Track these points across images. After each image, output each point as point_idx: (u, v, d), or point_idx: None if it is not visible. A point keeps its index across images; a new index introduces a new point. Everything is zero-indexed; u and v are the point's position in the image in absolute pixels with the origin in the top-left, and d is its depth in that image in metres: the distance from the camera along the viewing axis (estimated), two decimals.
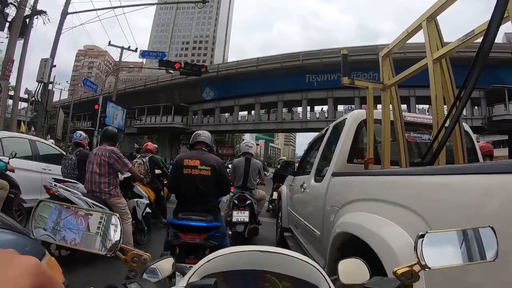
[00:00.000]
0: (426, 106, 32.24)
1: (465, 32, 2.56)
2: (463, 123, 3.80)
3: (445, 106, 2.90)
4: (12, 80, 14.11)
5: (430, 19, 2.91)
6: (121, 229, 0.93)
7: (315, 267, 0.96)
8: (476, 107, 34.04)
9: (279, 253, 0.96)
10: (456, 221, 1.34)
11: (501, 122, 30.43)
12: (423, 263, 0.79)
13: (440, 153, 2.49)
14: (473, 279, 1.23)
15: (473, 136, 4.01)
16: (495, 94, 30.64)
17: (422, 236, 0.81)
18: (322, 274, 0.98)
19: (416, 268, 0.84)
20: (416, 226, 1.59)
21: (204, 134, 3.96)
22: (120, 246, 0.92)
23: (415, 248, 0.80)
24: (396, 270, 0.87)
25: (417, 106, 33.90)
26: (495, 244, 0.81)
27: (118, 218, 0.95)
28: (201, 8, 18.08)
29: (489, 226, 0.83)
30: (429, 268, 0.81)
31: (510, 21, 2.09)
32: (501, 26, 2.10)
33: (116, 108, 25.99)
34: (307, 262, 0.96)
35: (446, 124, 2.41)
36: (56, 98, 29.04)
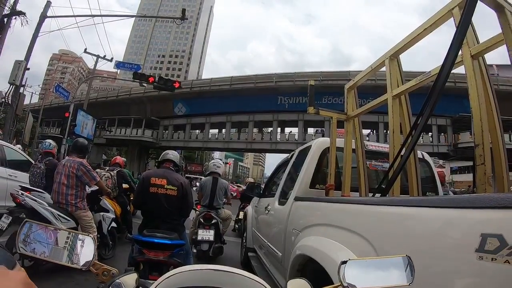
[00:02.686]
0: None
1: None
2: (423, 152, 4.02)
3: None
4: None
5: (393, 58, 3.08)
6: (95, 247, 1.04)
7: (264, 286, 1.08)
8: (442, 134, 35.48)
9: (231, 272, 1.06)
10: (400, 249, 1.40)
11: (466, 149, 31.49)
12: (345, 284, 0.91)
13: (395, 181, 2.60)
14: None
15: (433, 164, 4.19)
16: (461, 122, 32.02)
17: (345, 262, 0.94)
18: None
19: None
20: (364, 251, 1.73)
21: (173, 153, 4.08)
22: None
23: (338, 272, 0.93)
24: None
25: (385, 131, 34.40)
26: (411, 270, 0.95)
27: (93, 238, 1.06)
28: (179, 24, 18.19)
29: (406, 255, 0.97)
30: None
31: (463, 65, 2.31)
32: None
33: (86, 117, 25.53)
34: (256, 281, 1.07)
35: (403, 153, 2.53)
36: (26, 101, 28.11)
